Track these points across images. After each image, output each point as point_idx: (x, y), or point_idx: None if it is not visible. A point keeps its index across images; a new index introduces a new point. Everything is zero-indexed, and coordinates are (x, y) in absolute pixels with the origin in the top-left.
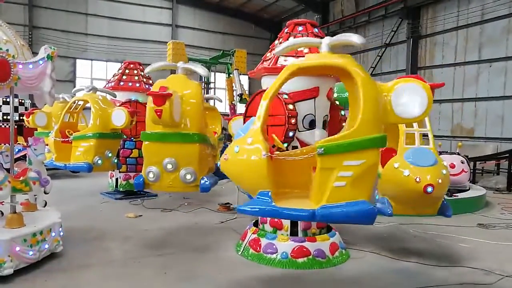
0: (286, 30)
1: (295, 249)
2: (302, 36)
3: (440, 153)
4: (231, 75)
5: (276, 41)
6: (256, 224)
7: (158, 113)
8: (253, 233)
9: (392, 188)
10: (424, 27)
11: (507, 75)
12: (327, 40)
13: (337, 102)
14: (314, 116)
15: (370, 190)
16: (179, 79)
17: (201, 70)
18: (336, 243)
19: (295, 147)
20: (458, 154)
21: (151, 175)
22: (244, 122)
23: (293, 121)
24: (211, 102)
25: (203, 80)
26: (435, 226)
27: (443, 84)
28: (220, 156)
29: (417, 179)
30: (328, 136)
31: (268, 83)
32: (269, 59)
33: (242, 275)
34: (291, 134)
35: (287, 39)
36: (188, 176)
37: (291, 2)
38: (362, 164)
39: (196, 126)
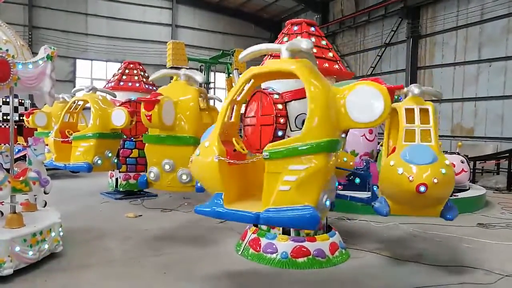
0: (283, 30)
1: (295, 248)
2: (297, 36)
3: None
4: (231, 75)
5: (285, 38)
6: (256, 224)
7: (148, 118)
8: (253, 233)
9: (388, 187)
10: (424, 26)
11: (507, 74)
12: (285, 45)
13: None
14: (306, 115)
15: (316, 195)
16: (178, 85)
17: (198, 77)
18: (336, 243)
19: None
20: (458, 153)
21: (151, 175)
22: (244, 122)
23: (281, 120)
24: (211, 102)
25: (203, 80)
26: (435, 226)
27: (401, 86)
28: None
29: (410, 178)
30: None
31: (268, 83)
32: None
33: (242, 275)
34: (280, 133)
35: (282, 39)
36: (184, 177)
37: (291, 2)
38: (307, 169)
39: (192, 129)
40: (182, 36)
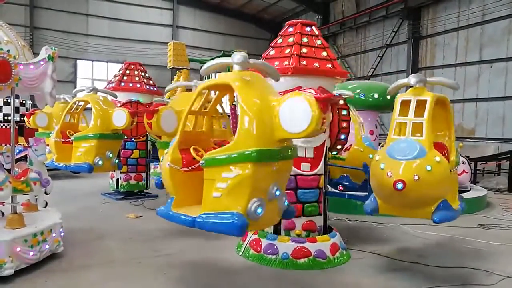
0: (280, 32)
1: (296, 249)
2: (291, 37)
3: None
4: None
5: (280, 40)
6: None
7: (149, 125)
8: (253, 233)
9: (373, 183)
10: (424, 27)
11: (508, 75)
12: (235, 59)
13: (342, 101)
14: None
15: (244, 202)
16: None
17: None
18: (337, 243)
19: None
20: (459, 154)
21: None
22: None
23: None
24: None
25: (204, 80)
26: (435, 226)
27: (340, 98)
28: None
29: (389, 174)
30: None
31: (284, 84)
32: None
33: (243, 275)
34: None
35: (278, 41)
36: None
37: (291, 3)
38: (236, 177)
39: None
40: (183, 37)
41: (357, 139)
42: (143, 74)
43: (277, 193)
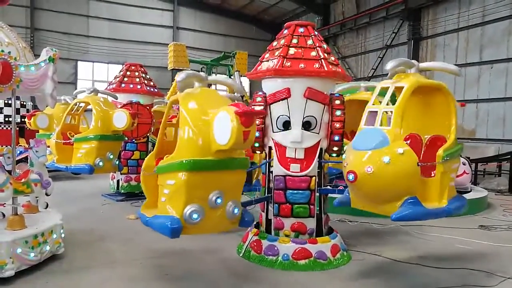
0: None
1: (297, 251)
2: (286, 37)
3: None
4: (232, 77)
5: (275, 43)
6: (257, 226)
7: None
8: (254, 235)
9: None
10: (425, 28)
11: (508, 76)
12: (179, 77)
13: (337, 101)
14: (289, 117)
15: (181, 207)
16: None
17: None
18: (338, 244)
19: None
20: (460, 155)
21: None
22: None
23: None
24: None
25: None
26: (436, 227)
27: (263, 112)
28: None
29: (345, 165)
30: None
31: (269, 86)
32: (265, 61)
33: (243, 277)
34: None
35: (273, 44)
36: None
37: (292, 4)
38: (174, 184)
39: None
40: (184, 38)
41: None
42: (143, 75)
43: (218, 201)
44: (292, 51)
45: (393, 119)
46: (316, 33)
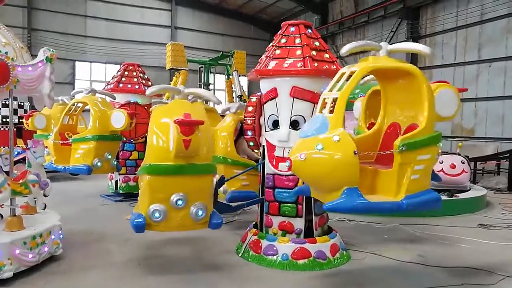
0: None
1: (296, 250)
2: (277, 37)
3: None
4: (230, 77)
5: (271, 42)
6: (256, 225)
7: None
8: (253, 234)
9: None
10: (423, 27)
11: (507, 75)
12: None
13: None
14: (277, 116)
15: (145, 206)
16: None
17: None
18: (337, 244)
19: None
20: (459, 154)
21: None
22: (244, 123)
23: (249, 121)
24: (210, 104)
25: (203, 82)
26: (435, 226)
27: (200, 122)
28: None
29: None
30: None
31: (263, 86)
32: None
33: (242, 277)
34: (249, 133)
35: (270, 43)
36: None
37: (290, 3)
38: (142, 185)
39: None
40: (182, 38)
41: None
42: (141, 75)
43: (179, 203)
44: (278, 51)
45: (336, 105)
46: (309, 31)
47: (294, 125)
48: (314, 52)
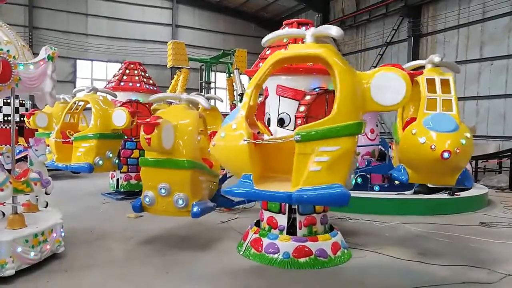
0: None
1: (297, 248)
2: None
3: None
4: (231, 75)
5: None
6: (257, 224)
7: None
8: (254, 233)
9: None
10: (425, 25)
11: (509, 73)
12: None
13: (308, 97)
14: (270, 114)
15: (143, 191)
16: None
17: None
18: (338, 242)
19: None
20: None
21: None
22: None
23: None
24: (212, 102)
25: (204, 80)
26: (437, 225)
27: (157, 123)
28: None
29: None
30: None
31: (268, 83)
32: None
33: (244, 275)
34: None
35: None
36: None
37: (291, 1)
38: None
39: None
40: (183, 36)
41: None
42: (142, 73)
43: (162, 191)
44: (268, 51)
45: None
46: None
47: (281, 122)
48: None
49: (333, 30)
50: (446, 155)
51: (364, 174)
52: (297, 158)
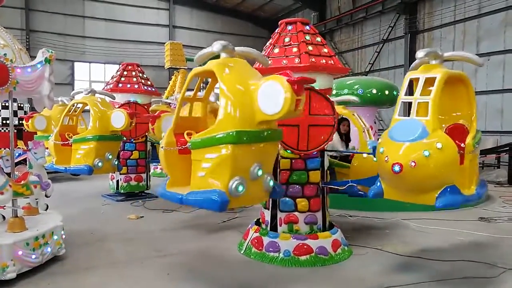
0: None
1: (298, 246)
2: (280, 35)
3: None
4: None
5: (269, 41)
6: (258, 222)
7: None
8: (255, 231)
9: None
10: (421, 22)
11: (506, 68)
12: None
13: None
14: None
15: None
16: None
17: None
18: (338, 240)
19: None
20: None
21: None
22: None
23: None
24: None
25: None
26: (436, 220)
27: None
28: None
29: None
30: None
31: None
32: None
33: (245, 274)
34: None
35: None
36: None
37: (288, 0)
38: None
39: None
40: (180, 37)
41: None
42: (140, 74)
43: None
44: (276, 49)
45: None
46: (307, 27)
47: None
48: (295, 49)
49: (214, 47)
50: (396, 168)
51: None
52: (193, 164)
